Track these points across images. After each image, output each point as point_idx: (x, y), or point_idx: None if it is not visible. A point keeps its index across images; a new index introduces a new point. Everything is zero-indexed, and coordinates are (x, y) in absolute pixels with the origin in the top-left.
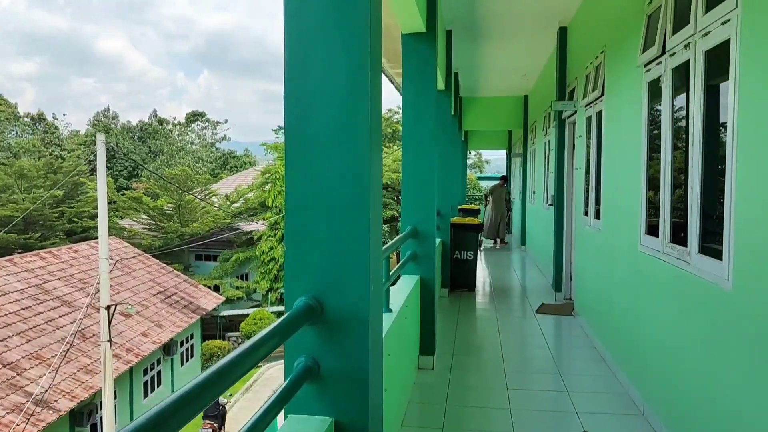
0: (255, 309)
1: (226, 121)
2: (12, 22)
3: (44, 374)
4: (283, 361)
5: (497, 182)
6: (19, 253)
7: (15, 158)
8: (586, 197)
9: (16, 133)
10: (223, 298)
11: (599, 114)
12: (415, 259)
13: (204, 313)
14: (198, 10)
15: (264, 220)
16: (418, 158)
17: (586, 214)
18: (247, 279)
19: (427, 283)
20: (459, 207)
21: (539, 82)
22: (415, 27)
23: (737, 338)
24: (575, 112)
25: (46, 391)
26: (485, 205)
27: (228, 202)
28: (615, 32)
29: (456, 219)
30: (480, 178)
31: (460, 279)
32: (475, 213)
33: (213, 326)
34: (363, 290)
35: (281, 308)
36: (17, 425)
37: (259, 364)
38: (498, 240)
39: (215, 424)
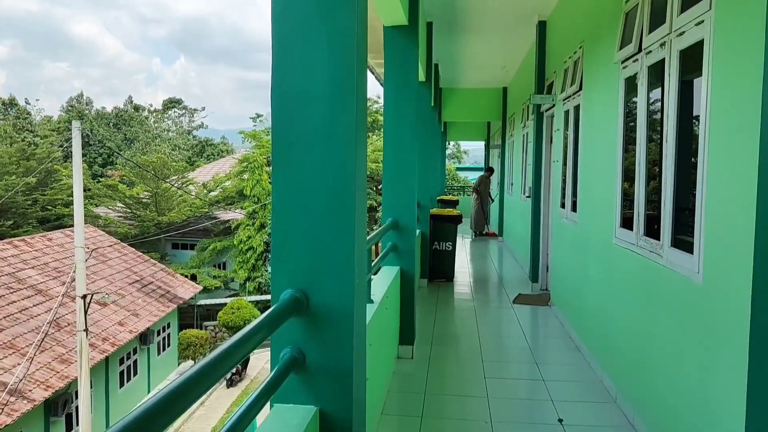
0: (233, 298)
1: (203, 108)
2: None
3: (18, 364)
4: (263, 350)
5: (483, 173)
6: None
7: None
8: (563, 190)
9: None
10: (201, 288)
11: (577, 108)
12: (396, 251)
13: (181, 302)
14: None
15: (242, 209)
16: (399, 150)
17: (563, 206)
18: (224, 268)
19: (407, 275)
20: (438, 198)
21: (518, 74)
22: (397, 20)
23: (706, 330)
24: (553, 105)
25: (21, 380)
26: (474, 198)
27: (205, 191)
28: (593, 28)
29: (435, 210)
30: (459, 169)
31: (439, 269)
32: (453, 204)
33: (190, 315)
34: (347, 284)
35: (259, 297)
36: None
37: None
38: (484, 230)
39: (239, 366)
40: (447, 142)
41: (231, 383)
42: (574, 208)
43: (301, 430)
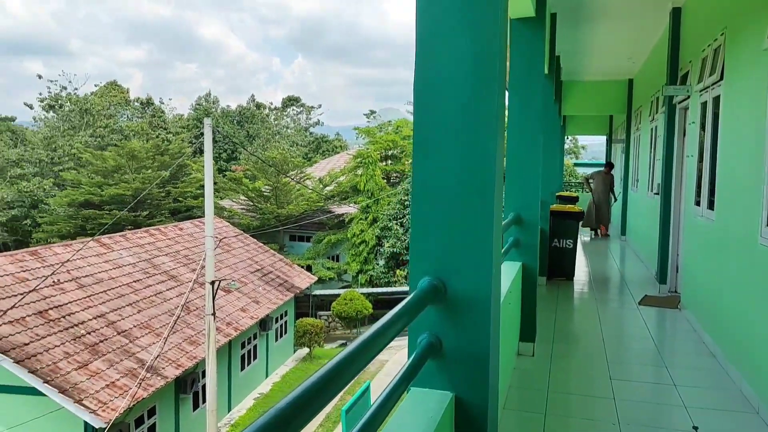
0: (345, 290)
1: (320, 105)
2: (122, 10)
3: (153, 343)
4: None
5: (599, 169)
6: (129, 229)
7: (126, 140)
8: (698, 186)
9: (127, 116)
10: (316, 278)
11: (717, 99)
12: (518, 246)
13: (298, 291)
14: None
15: (356, 203)
16: (524, 144)
17: (698, 204)
18: (338, 260)
19: (529, 270)
20: (557, 194)
21: (647, 65)
22: (524, 11)
23: None
24: (688, 97)
25: (155, 358)
26: (585, 191)
27: (321, 185)
28: (738, 13)
29: (555, 206)
30: (576, 165)
31: (559, 267)
32: (573, 200)
33: (306, 304)
34: (485, 271)
35: (370, 290)
36: (130, 389)
37: (348, 343)
38: (599, 230)
39: None
40: (565, 137)
41: None
42: (710, 206)
43: (438, 416)
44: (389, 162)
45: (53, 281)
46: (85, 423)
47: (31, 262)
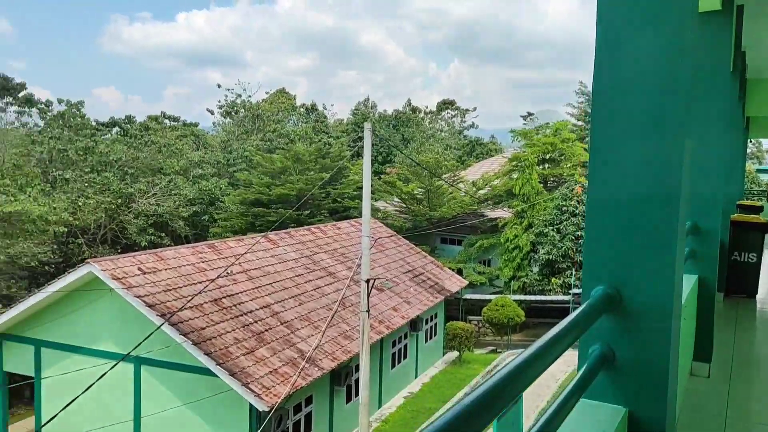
0: (497, 295)
1: (474, 108)
2: (291, 22)
3: (311, 335)
4: (519, 350)
5: None
6: (293, 227)
7: (292, 144)
8: None
9: (293, 121)
10: (466, 282)
11: None
12: (694, 258)
13: (448, 294)
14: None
15: (510, 207)
16: (703, 146)
17: None
18: (489, 265)
19: (706, 284)
20: (738, 203)
21: None
22: (709, 4)
23: None
24: None
25: (314, 350)
26: None
27: (474, 189)
28: None
29: (737, 216)
30: (759, 171)
31: (739, 283)
32: (758, 210)
33: (456, 308)
34: (667, 282)
35: (523, 297)
36: (291, 376)
37: (498, 350)
38: None
39: None
40: (748, 140)
41: None
42: None
43: (610, 431)
44: (546, 166)
45: (227, 272)
46: (250, 405)
47: (209, 254)
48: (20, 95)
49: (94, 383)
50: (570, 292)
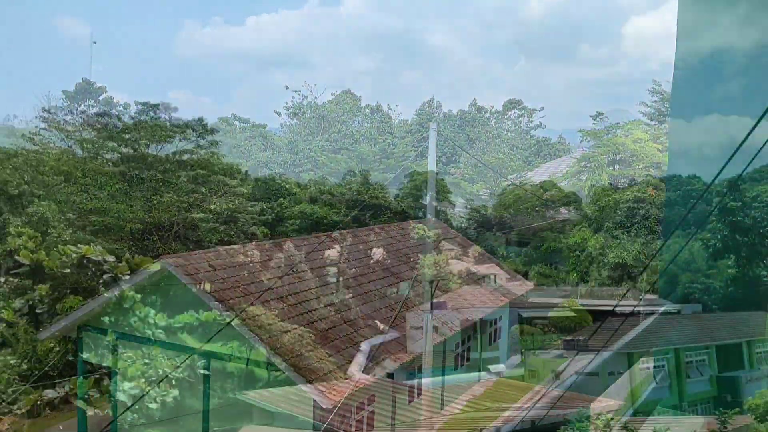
0: (563, 299)
1: (542, 108)
2: (356, 23)
3: (374, 335)
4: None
5: None
6: (355, 226)
7: (356, 144)
8: None
9: (358, 122)
10: (532, 285)
11: None
12: None
13: (513, 297)
14: None
15: (578, 209)
16: None
17: None
18: (556, 268)
19: None
20: None
21: None
22: None
23: None
24: None
25: (377, 348)
26: None
27: (541, 190)
28: None
29: None
30: None
31: None
32: None
33: (521, 311)
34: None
35: (591, 301)
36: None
37: (565, 355)
38: None
39: None
40: None
41: None
42: None
43: None
44: (617, 167)
45: (292, 270)
46: (314, 401)
47: (276, 252)
48: (101, 98)
49: (167, 375)
50: (640, 297)
